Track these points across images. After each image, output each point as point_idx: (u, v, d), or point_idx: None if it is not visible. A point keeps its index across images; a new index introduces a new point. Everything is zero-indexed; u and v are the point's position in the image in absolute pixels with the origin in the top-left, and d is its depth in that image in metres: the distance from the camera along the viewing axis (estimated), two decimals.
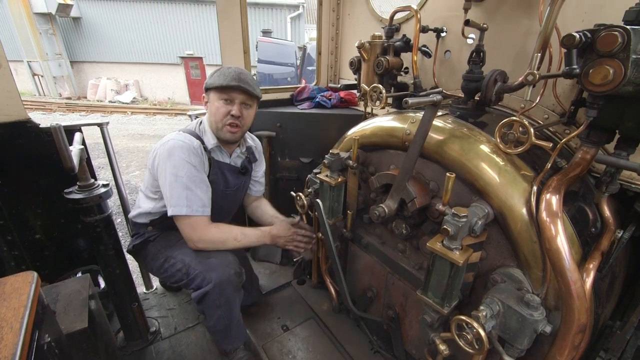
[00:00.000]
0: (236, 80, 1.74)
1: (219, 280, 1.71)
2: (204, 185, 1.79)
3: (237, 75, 1.75)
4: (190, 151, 1.73)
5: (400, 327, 1.86)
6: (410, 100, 1.17)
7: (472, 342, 1.15)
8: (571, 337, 1.06)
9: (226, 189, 1.97)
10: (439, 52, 2.01)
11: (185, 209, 1.71)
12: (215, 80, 1.76)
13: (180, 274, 1.79)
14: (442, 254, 1.18)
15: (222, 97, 1.78)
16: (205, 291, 1.71)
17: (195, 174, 1.74)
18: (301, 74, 9.42)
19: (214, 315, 1.80)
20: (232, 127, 1.82)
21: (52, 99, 15.54)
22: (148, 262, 1.95)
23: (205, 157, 1.84)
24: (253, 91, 1.80)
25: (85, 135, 2.01)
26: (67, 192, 1.67)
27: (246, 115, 1.86)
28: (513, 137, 1.24)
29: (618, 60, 0.98)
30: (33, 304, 1.15)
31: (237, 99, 1.79)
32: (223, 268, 1.74)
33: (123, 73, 17.08)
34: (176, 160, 1.70)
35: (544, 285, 1.15)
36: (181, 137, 1.77)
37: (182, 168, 1.71)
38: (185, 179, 1.71)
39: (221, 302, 1.76)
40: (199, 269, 1.74)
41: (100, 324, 1.80)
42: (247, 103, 1.84)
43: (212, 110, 1.81)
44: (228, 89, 1.75)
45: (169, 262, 1.83)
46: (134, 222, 2.00)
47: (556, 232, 1.06)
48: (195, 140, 1.79)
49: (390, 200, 1.51)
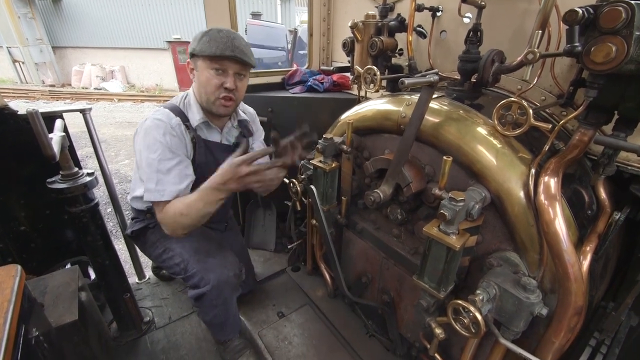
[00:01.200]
0: (230, 48, 1.53)
1: (217, 282, 1.66)
2: (180, 169, 1.59)
3: (230, 43, 1.53)
4: (166, 130, 1.56)
5: (395, 311, 1.87)
6: (406, 80, 1.12)
7: (469, 326, 1.14)
8: (567, 320, 1.06)
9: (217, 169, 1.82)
10: (434, 32, 1.95)
11: (155, 194, 1.54)
12: (205, 47, 1.52)
13: (179, 268, 1.74)
14: (438, 238, 1.17)
15: (213, 67, 1.57)
16: (203, 292, 1.67)
17: (168, 156, 1.56)
18: (292, 58, 9.21)
19: (210, 313, 1.77)
20: (226, 100, 1.63)
21: (34, 86, 15.00)
22: (146, 248, 1.90)
23: (188, 137, 1.66)
24: (249, 60, 1.61)
25: (70, 124, 1.92)
26: (49, 182, 1.60)
27: (240, 86, 1.68)
28: (511, 118, 1.20)
29: (621, 37, 0.94)
30: (17, 297, 1.11)
31: (231, 69, 1.59)
32: (222, 269, 1.69)
33: (108, 59, 16.51)
34: (150, 140, 1.54)
35: (540, 268, 1.14)
36: (159, 115, 1.59)
37: (156, 150, 1.53)
38: (157, 162, 1.53)
39: (218, 302, 1.73)
40: (197, 268, 1.68)
41: (91, 316, 1.77)
42: (241, 73, 1.65)
43: (202, 80, 1.61)
44: (221, 58, 1.55)
45: (168, 254, 1.77)
46: (133, 206, 1.89)
47: (554, 215, 1.05)
48: (174, 118, 1.61)
49: (385, 186, 1.48)
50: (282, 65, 9.30)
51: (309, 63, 2.96)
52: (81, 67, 15.97)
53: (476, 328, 1.12)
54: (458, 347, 1.56)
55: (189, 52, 1.61)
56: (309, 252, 2.52)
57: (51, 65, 16.11)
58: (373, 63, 1.90)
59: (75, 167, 1.65)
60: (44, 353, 1.23)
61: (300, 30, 9.21)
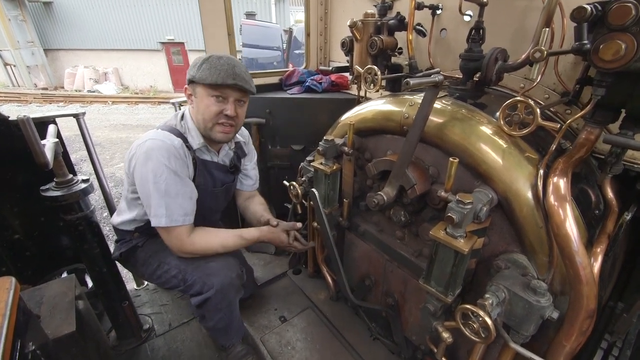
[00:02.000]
0: (232, 77, 1.51)
1: (221, 286, 1.64)
2: (186, 191, 1.60)
3: (231, 70, 1.52)
4: (170, 153, 1.53)
5: (400, 314, 1.84)
6: (412, 81, 1.09)
7: (479, 331, 1.12)
8: (579, 323, 1.04)
9: (215, 189, 1.82)
10: (434, 30, 1.93)
11: (165, 219, 1.54)
12: (205, 75, 1.51)
13: (176, 280, 1.70)
14: (446, 242, 1.14)
15: (213, 94, 1.55)
16: (207, 297, 1.63)
17: (175, 179, 1.55)
18: (288, 58, 9.16)
19: (214, 318, 1.74)
20: (225, 126, 1.63)
21: (27, 89, 14.84)
22: (138, 268, 1.83)
23: (189, 158, 1.64)
24: (250, 88, 1.60)
25: (64, 128, 1.87)
26: (43, 190, 1.56)
27: (240, 113, 1.67)
28: (518, 118, 1.18)
29: (631, 34, 0.92)
30: (12, 311, 1.07)
31: (231, 96, 1.58)
32: (225, 272, 1.66)
33: (101, 61, 16.37)
34: (154, 164, 1.50)
35: (550, 271, 1.12)
36: (160, 137, 1.55)
37: (161, 173, 1.51)
38: (164, 186, 1.52)
39: (223, 305, 1.70)
40: (197, 275, 1.65)
41: (89, 325, 1.72)
42: (241, 100, 1.64)
43: (201, 108, 1.59)
44: (223, 86, 1.54)
45: (163, 269, 1.72)
46: (118, 229, 1.83)
47: (565, 217, 1.03)
48: (176, 139, 1.58)
49: (388, 187, 1.45)
50: (278, 65, 9.24)
51: (306, 63, 2.93)
52: (74, 69, 15.82)
53: (486, 333, 1.10)
54: (464, 350, 1.53)
55: (188, 78, 1.59)
56: (310, 254, 2.49)
57: (43, 68, 15.94)
58: (373, 62, 1.87)
59: (69, 174, 1.61)
60: None
61: (295, 30, 9.17)
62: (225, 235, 1.74)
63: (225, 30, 2.34)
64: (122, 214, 1.79)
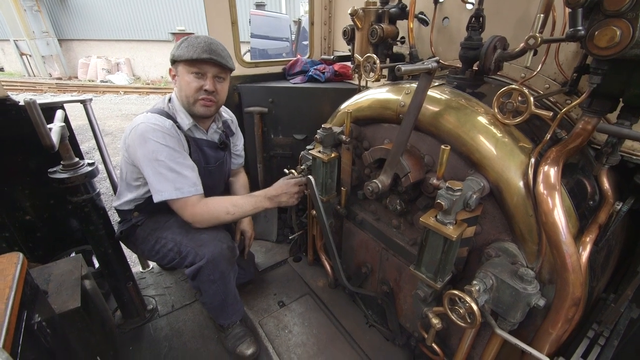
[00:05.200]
0: (207, 52, 1.61)
1: (212, 255, 1.70)
2: (189, 164, 1.71)
3: (207, 46, 1.61)
4: (164, 133, 1.63)
5: (395, 301, 1.87)
6: (403, 67, 1.10)
7: (465, 316, 1.14)
8: (565, 311, 1.04)
9: (208, 166, 1.91)
10: (436, 19, 1.91)
11: (175, 192, 1.64)
12: (183, 52, 1.61)
13: (173, 253, 1.77)
14: (435, 228, 1.15)
15: (192, 71, 1.65)
16: (199, 266, 1.70)
17: (175, 154, 1.65)
18: (296, 49, 9.11)
19: (210, 291, 1.79)
20: (206, 101, 1.72)
21: (42, 79, 15.14)
22: (138, 245, 1.91)
23: (182, 137, 1.74)
24: (226, 63, 1.68)
25: (74, 116, 1.94)
26: (51, 172, 1.62)
27: (220, 89, 1.75)
28: (512, 106, 1.17)
29: (626, 20, 0.91)
30: (19, 284, 1.13)
31: (209, 72, 1.67)
32: (215, 242, 1.73)
33: (113, 51, 16.57)
34: (152, 145, 1.60)
35: (538, 259, 1.13)
36: (152, 120, 1.64)
37: (161, 152, 1.61)
38: (168, 161, 1.62)
39: (215, 276, 1.75)
40: (191, 246, 1.72)
41: (94, 303, 1.80)
42: (220, 76, 1.73)
43: (182, 84, 1.69)
44: (199, 61, 1.62)
45: (160, 243, 1.80)
46: (119, 210, 1.94)
47: (553, 205, 1.03)
48: (167, 121, 1.68)
49: (383, 176, 1.46)
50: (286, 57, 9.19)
51: (310, 52, 2.92)
52: (87, 59, 16.06)
53: (472, 318, 1.12)
54: (456, 338, 1.55)
55: (170, 59, 1.68)
56: (309, 242, 2.53)
57: (58, 58, 16.22)
58: (374, 51, 1.86)
59: (75, 157, 1.67)
60: (46, 339, 1.26)
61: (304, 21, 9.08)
62: (228, 201, 1.82)
63: (229, 18, 2.35)
64: (122, 196, 1.89)
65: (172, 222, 1.80)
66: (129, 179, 1.81)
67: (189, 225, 1.76)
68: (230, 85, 2.55)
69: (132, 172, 1.76)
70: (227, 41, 2.41)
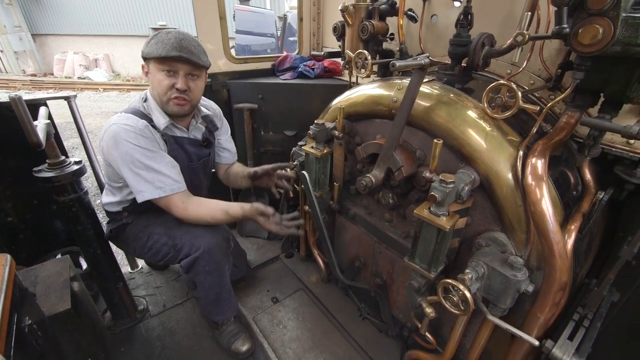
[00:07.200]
0: (177, 49, 1.51)
1: (208, 246, 1.69)
2: (167, 162, 1.65)
3: (177, 43, 1.52)
4: (137, 134, 1.56)
5: (388, 293, 1.91)
6: (398, 63, 1.12)
7: (458, 304, 1.18)
8: (552, 295, 1.10)
9: (191, 164, 1.84)
10: (425, 16, 1.94)
11: (157, 191, 1.60)
12: (152, 50, 1.53)
13: (167, 247, 1.74)
14: (429, 220, 1.19)
15: (163, 69, 1.57)
16: (195, 257, 1.68)
17: (151, 154, 1.59)
18: (282, 45, 9.05)
19: (205, 283, 1.78)
20: (179, 100, 1.63)
21: (15, 76, 14.48)
22: (129, 244, 1.87)
23: (158, 136, 1.67)
24: (198, 61, 1.59)
25: (55, 114, 1.87)
26: (36, 171, 1.57)
27: (194, 87, 1.66)
28: (500, 101, 1.22)
29: (608, 18, 0.95)
30: (9, 286, 1.10)
31: (181, 70, 1.58)
32: (210, 233, 1.72)
33: (91, 46, 15.98)
34: (124, 146, 1.54)
35: (527, 247, 1.18)
36: (123, 120, 1.58)
37: (135, 153, 1.55)
38: (144, 160, 1.57)
39: (211, 267, 1.74)
40: (186, 238, 1.71)
41: (84, 305, 1.76)
42: (193, 74, 1.63)
43: (155, 83, 1.61)
44: (169, 59, 1.54)
45: (153, 239, 1.77)
46: (107, 210, 1.88)
47: (541, 195, 1.08)
48: (140, 121, 1.61)
49: (376, 170, 1.49)
50: (272, 53, 9.12)
51: (299, 49, 2.92)
52: (63, 55, 15.43)
53: (465, 306, 1.16)
54: (448, 327, 1.60)
55: (141, 56, 1.59)
56: (302, 238, 2.54)
57: (32, 53, 15.53)
58: (364, 47, 1.88)
59: (62, 155, 1.62)
60: (38, 342, 1.23)
61: (289, 17, 9.02)
62: (215, 206, 1.76)
63: (217, 14, 2.32)
64: (108, 196, 1.84)
65: (163, 218, 1.77)
66: (111, 180, 1.77)
67: (180, 220, 1.74)
68: (219, 82, 2.55)
69: (113, 173, 1.70)
70: (216, 37, 2.38)
